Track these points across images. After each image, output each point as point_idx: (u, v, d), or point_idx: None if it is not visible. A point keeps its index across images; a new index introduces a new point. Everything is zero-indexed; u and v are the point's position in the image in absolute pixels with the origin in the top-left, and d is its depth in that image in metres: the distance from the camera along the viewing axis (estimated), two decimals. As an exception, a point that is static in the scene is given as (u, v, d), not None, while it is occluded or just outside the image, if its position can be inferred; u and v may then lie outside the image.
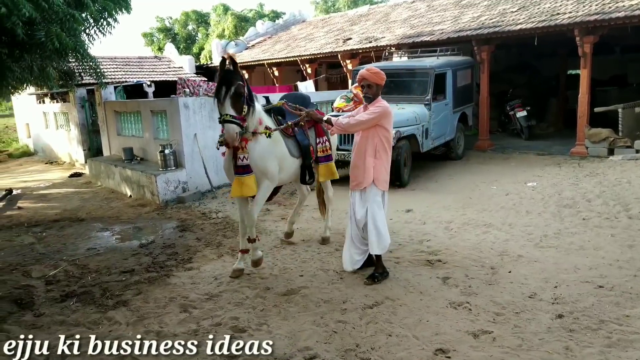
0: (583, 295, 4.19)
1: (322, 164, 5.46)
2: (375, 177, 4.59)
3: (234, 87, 4.31)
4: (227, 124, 4.31)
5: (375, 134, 4.56)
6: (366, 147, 4.59)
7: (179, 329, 3.96)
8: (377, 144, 4.57)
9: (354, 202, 4.76)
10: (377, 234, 4.62)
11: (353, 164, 4.74)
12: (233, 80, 4.33)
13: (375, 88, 4.55)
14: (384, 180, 4.65)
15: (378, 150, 4.58)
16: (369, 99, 4.59)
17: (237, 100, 4.34)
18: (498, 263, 5.01)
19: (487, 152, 11.23)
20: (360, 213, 4.69)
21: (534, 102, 13.02)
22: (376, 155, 4.58)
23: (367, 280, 4.67)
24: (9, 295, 4.79)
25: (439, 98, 9.67)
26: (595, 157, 9.72)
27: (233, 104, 4.33)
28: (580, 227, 5.97)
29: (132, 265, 5.55)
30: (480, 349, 3.46)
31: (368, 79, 4.53)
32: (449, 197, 7.72)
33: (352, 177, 4.75)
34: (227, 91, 4.31)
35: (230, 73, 4.37)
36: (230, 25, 28.70)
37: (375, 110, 4.49)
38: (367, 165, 4.57)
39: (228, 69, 4.39)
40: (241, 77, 4.42)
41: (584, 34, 9.60)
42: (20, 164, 15.41)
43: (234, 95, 4.32)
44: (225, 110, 4.32)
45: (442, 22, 12.81)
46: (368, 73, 4.55)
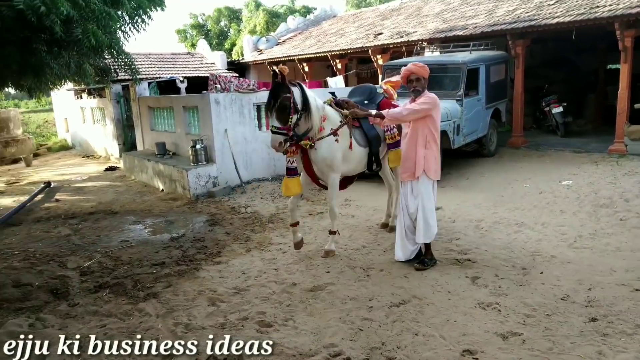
0: (618, 299, 4.05)
1: (391, 151, 5.64)
2: (427, 167, 4.79)
3: (280, 100, 4.63)
4: (273, 134, 4.67)
5: (425, 125, 4.75)
6: (417, 139, 4.78)
7: (207, 322, 4.02)
8: (427, 135, 4.77)
9: (405, 194, 4.94)
10: (424, 224, 4.83)
11: (405, 156, 4.93)
12: (280, 93, 4.65)
13: (423, 81, 4.78)
14: (434, 170, 4.86)
15: (428, 141, 4.78)
16: (418, 92, 4.79)
17: (281, 112, 4.66)
18: (530, 263, 4.90)
19: (520, 149, 10.96)
20: (413, 206, 4.89)
21: (571, 98, 12.62)
22: (427, 146, 4.78)
23: (417, 265, 4.89)
24: (45, 285, 4.97)
25: (471, 94, 9.48)
26: (634, 156, 9.35)
27: (278, 116, 4.66)
28: (617, 228, 5.77)
29: (163, 258, 5.66)
30: (509, 351, 3.39)
31: (417, 73, 4.75)
32: (480, 195, 7.58)
33: (403, 169, 4.95)
34: (274, 104, 4.65)
35: (278, 86, 4.68)
36: (261, 21, 28.83)
37: (426, 101, 4.69)
38: (419, 155, 4.77)
39: (277, 82, 4.68)
40: (288, 89, 4.69)
41: (625, 27, 9.23)
42: (58, 158, 15.93)
43: (279, 108, 4.64)
44: (273, 122, 4.68)
45: (476, 16, 12.55)
46: (416, 67, 4.78)
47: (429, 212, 4.86)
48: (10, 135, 15.63)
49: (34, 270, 5.43)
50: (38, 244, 6.47)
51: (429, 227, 4.86)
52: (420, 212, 4.83)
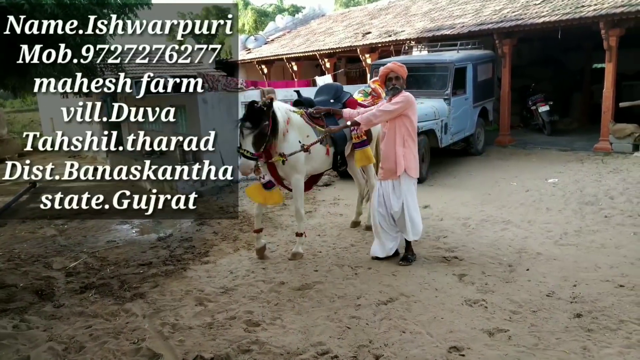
0: (603, 295, 4.10)
1: (357, 150, 5.53)
2: (407, 165, 4.81)
3: (260, 128, 4.52)
4: (245, 159, 4.53)
5: (402, 123, 4.77)
6: (395, 138, 4.80)
7: (194, 321, 4.00)
8: (404, 134, 4.79)
9: (386, 193, 4.94)
10: (411, 222, 4.87)
11: (384, 155, 4.94)
12: (262, 119, 4.52)
13: (402, 80, 4.80)
14: (414, 168, 4.89)
15: (406, 140, 4.80)
16: (396, 89, 4.78)
17: (259, 139, 4.56)
18: (516, 261, 4.94)
19: (507, 148, 11.05)
20: (396, 205, 4.88)
21: (557, 97, 12.74)
22: (405, 145, 4.80)
23: (402, 262, 4.94)
24: (31, 286, 4.91)
25: (458, 93, 9.54)
26: (619, 154, 9.47)
27: (255, 142, 4.53)
28: (602, 225, 5.84)
29: (150, 258, 5.63)
30: (495, 348, 3.42)
31: (396, 71, 4.79)
32: (467, 193, 7.63)
33: (384, 168, 4.95)
34: (251, 129, 4.50)
35: (260, 111, 4.53)
36: (250, 20, 28.74)
37: (399, 100, 4.70)
38: (398, 154, 4.79)
39: (260, 107, 4.54)
40: (268, 116, 4.58)
41: (610, 26, 9.34)
42: (44, 157, 15.73)
43: (257, 135, 4.53)
44: (245, 146, 4.52)
45: (463, 15, 12.62)
46: (396, 66, 4.82)
47: (414, 211, 4.91)
48: (-5, 135, 15.45)
49: (19, 271, 5.37)
50: (23, 245, 6.39)
51: (416, 225, 4.92)
52: (406, 210, 4.85)
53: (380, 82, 5.12)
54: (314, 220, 6.71)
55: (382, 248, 5.08)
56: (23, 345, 3.71)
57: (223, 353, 3.48)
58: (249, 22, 28.68)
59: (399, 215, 4.89)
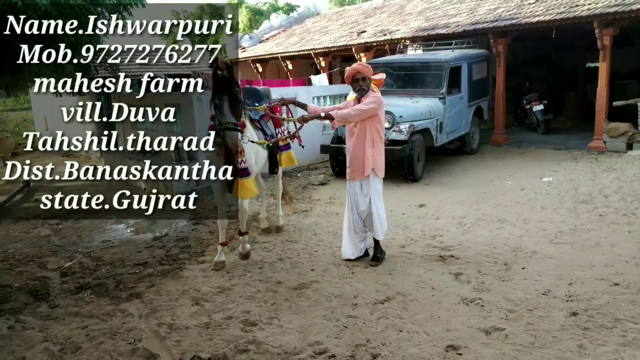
0: (598, 293, 4.12)
1: (283, 153, 5.72)
2: (375, 165, 4.85)
3: (233, 94, 4.36)
4: (229, 132, 4.36)
5: (372, 124, 4.81)
6: (365, 138, 4.82)
7: (191, 321, 3.99)
8: (374, 134, 4.83)
9: (354, 193, 4.98)
10: (380, 221, 4.92)
11: (352, 155, 4.93)
12: (231, 86, 4.37)
13: (368, 81, 4.82)
14: (382, 168, 4.94)
15: (375, 140, 4.84)
16: (363, 90, 4.80)
17: (236, 106, 4.41)
18: (511, 259, 4.96)
19: (502, 147, 11.09)
20: (364, 204, 4.93)
21: (552, 96, 12.81)
22: (374, 145, 4.84)
23: (372, 262, 4.97)
24: (25, 287, 4.88)
25: (453, 92, 9.56)
26: (613, 152, 9.54)
27: (233, 111, 4.39)
28: (597, 224, 5.87)
29: (146, 257, 5.60)
30: (492, 346, 3.43)
31: (362, 72, 4.80)
32: (462, 192, 7.65)
33: (352, 168, 4.96)
34: (226, 98, 4.34)
35: (226, 79, 4.38)
36: (244, 18, 28.68)
37: (373, 101, 4.73)
38: (367, 155, 4.82)
39: (224, 75, 4.38)
40: (237, 83, 4.46)
41: (604, 26, 9.40)
42: (37, 157, 15.63)
43: (233, 102, 4.37)
44: (226, 118, 4.37)
45: (458, 15, 12.65)
46: (362, 67, 4.86)
47: (381, 210, 4.96)
48: (-12, 134, 15.32)
49: (13, 271, 5.33)
50: (17, 245, 6.34)
51: (383, 223, 4.97)
52: (374, 209, 4.88)
53: (347, 82, 5.07)
54: (309, 219, 6.70)
55: (352, 249, 5.10)
56: (18, 346, 3.69)
57: (220, 353, 3.47)
58: (243, 21, 28.63)
59: (366, 215, 4.94)
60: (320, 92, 11.15)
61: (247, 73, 18.09)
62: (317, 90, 11.55)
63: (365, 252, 5.16)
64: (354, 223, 5.05)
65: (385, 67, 9.58)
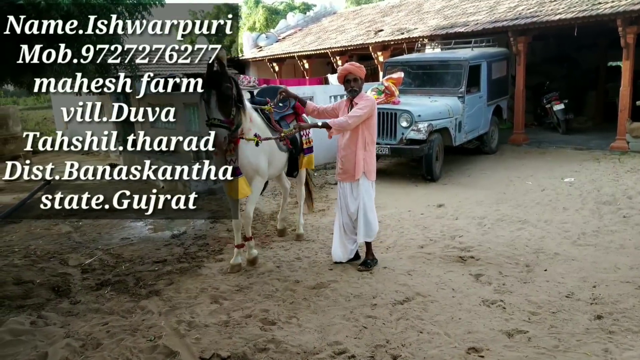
0: (623, 296, 4.03)
1: (306, 156, 5.65)
2: (366, 169, 4.80)
3: (222, 89, 4.23)
4: (215, 128, 4.23)
5: (365, 127, 4.75)
6: (357, 141, 4.76)
7: (210, 319, 3.99)
8: (366, 137, 4.78)
9: (344, 195, 4.94)
10: (365, 223, 4.84)
11: (344, 157, 4.87)
12: (220, 81, 4.24)
13: (360, 82, 4.73)
14: (373, 171, 4.88)
15: (367, 143, 4.79)
16: (355, 92, 4.73)
17: (224, 103, 4.26)
18: (533, 261, 4.88)
19: (522, 146, 10.95)
20: (353, 206, 4.88)
21: (572, 95, 12.60)
22: (366, 148, 4.79)
23: (360, 267, 4.88)
24: (47, 283, 4.94)
25: (472, 90, 9.46)
26: (636, 153, 9.35)
27: (221, 107, 4.26)
28: (621, 225, 5.75)
29: (165, 255, 5.63)
30: (514, 349, 3.37)
31: (354, 73, 4.71)
32: (482, 192, 7.56)
33: (342, 170, 4.91)
34: (215, 94, 4.23)
35: (217, 74, 4.26)
36: (261, 17, 28.76)
37: (367, 104, 4.66)
38: (358, 158, 4.76)
39: (215, 70, 4.27)
40: (229, 78, 4.33)
41: (627, 24, 9.21)
42: (58, 155, 15.87)
43: (221, 98, 4.25)
44: (213, 114, 4.26)
45: (477, 13, 12.51)
46: (354, 67, 4.75)
47: (370, 211, 4.87)
48: (9, 132, 15.55)
49: (35, 267, 5.40)
50: (38, 242, 6.43)
51: (370, 226, 4.87)
52: (361, 211, 4.81)
53: (339, 82, 4.98)
54: (327, 218, 6.68)
55: (343, 251, 5.03)
56: (41, 342, 3.73)
57: (240, 351, 3.47)
58: (259, 20, 28.72)
59: (355, 216, 4.88)
60: (337, 91, 11.10)
61: (264, 72, 18.13)
62: (334, 89, 11.51)
63: (357, 255, 5.06)
64: (344, 224, 4.99)
65: (404, 66, 9.53)
